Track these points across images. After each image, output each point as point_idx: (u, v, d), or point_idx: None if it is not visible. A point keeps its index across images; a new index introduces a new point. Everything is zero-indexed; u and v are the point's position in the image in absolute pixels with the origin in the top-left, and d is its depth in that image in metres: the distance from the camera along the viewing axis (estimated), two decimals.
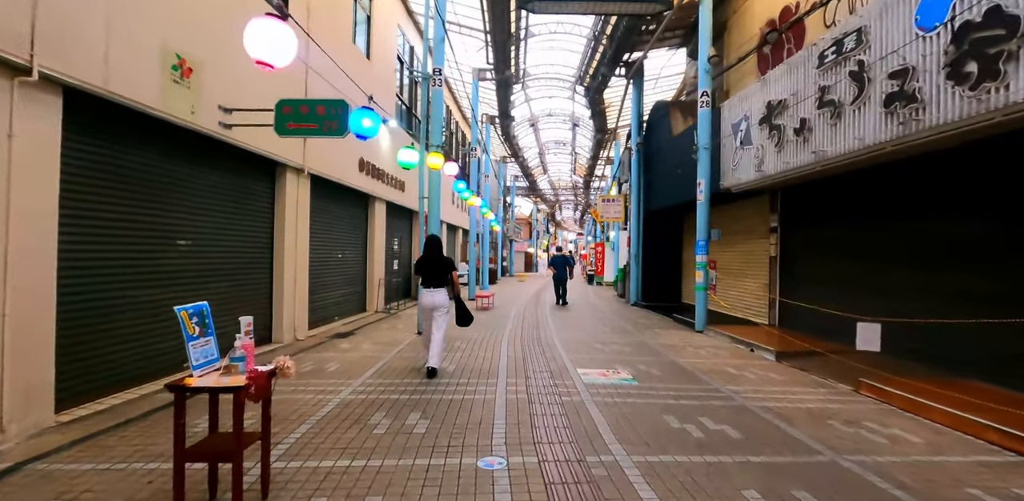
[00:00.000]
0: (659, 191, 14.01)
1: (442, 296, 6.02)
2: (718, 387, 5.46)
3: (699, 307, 9.77)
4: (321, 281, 9.28)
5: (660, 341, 8.45)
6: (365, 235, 11.70)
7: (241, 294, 6.93)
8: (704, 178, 9.73)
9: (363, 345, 7.62)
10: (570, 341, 8.22)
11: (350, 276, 10.83)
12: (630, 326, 10.23)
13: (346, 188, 10.13)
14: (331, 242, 9.80)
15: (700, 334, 9.43)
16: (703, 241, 9.77)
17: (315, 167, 8.38)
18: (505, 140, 25.26)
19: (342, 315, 10.37)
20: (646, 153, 14.97)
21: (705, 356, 7.23)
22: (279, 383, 5.24)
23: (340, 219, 10.24)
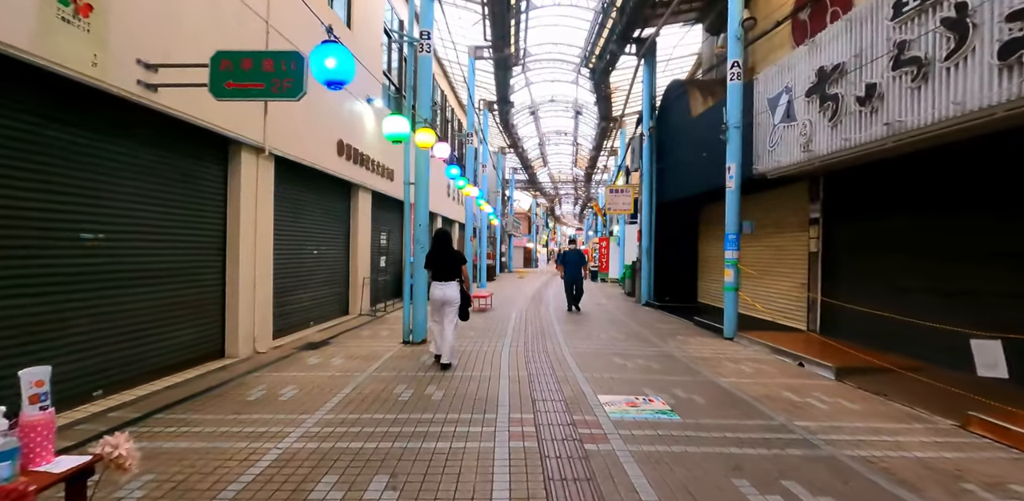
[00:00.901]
0: (674, 180, 12.70)
1: (452, 290, 6.12)
2: (784, 423, 4.19)
3: (728, 311, 8.49)
4: (290, 282, 7.97)
5: (688, 352, 7.17)
6: (347, 229, 10.38)
7: (181, 300, 5.63)
8: (735, 162, 8.43)
9: (335, 359, 6.33)
10: (583, 353, 6.93)
11: (328, 275, 9.53)
12: (648, 332, 8.95)
13: (322, 174, 8.81)
14: (304, 236, 8.49)
15: (731, 342, 8.15)
16: (733, 235, 8.48)
17: (280, 147, 7.06)
18: (504, 129, 23.89)
19: (318, 320, 9.07)
20: (659, 139, 13.65)
21: (749, 374, 5.96)
22: (200, 427, 3.96)
23: (315, 210, 8.93)
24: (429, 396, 4.78)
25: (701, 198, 12.40)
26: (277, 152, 6.99)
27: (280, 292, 7.59)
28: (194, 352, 5.87)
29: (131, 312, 4.95)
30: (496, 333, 8.49)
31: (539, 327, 9.21)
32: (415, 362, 6.23)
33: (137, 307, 5.03)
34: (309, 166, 8.07)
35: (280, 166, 7.36)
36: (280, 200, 7.54)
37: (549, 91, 21.67)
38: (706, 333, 9.01)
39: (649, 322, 10.27)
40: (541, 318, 10.48)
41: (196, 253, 5.89)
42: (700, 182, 10.99)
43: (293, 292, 8.09)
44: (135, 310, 5.00)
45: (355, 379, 5.37)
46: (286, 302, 7.84)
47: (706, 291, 13.57)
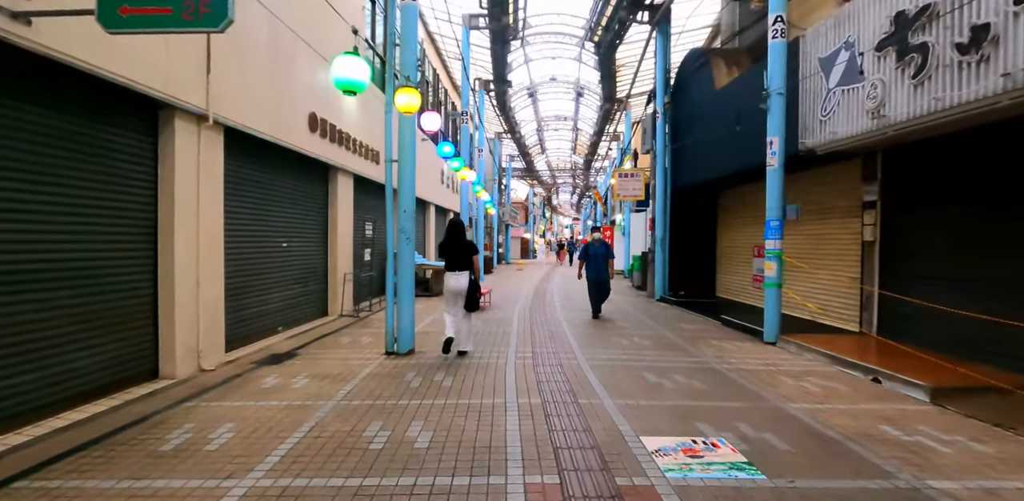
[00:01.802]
0: (692, 161, 11.40)
1: (465, 279, 6.18)
2: (915, 485, 2.94)
3: (770, 310, 7.23)
4: (251, 280, 6.67)
5: (732, 363, 5.92)
6: (325, 218, 9.05)
7: (93, 309, 4.32)
8: (778, 135, 7.12)
9: (298, 379, 5.05)
10: (606, 367, 5.67)
11: (302, 271, 8.22)
12: (674, 335, 7.70)
13: (292, 153, 7.47)
14: (269, 226, 7.16)
15: (776, 348, 6.91)
16: (776, 221, 7.20)
17: (231, 116, 5.72)
18: (501, 113, 22.47)
19: (290, 324, 7.77)
20: (674, 116, 12.32)
21: (819, 396, 4.71)
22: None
23: (285, 196, 7.59)
24: (411, 442, 3.50)
25: (721, 181, 11.13)
26: (227, 121, 5.64)
27: (237, 293, 6.29)
28: (115, 374, 4.58)
29: (20, 326, 3.66)
30: (497, 339, 7.22)
31: (547, 331, 7.94)
32: (398, 383, 4.96)
33: (29, 319, 3.73)
34: (273, 142, 6.72)
35: (233, 140, 6.02)
36: (235, 182, 6.21)
37: (550, 69, 20.23)
38: (741, 336, 7.77)
39: (670, 322, 9.02)
40: (548, 318, 9.21)
41: (114, 248, 4.57)
42: (726, 162, 9.69)
43: (255, 293, 6.78)
44: (26, 323, 3.70)
45: (316, 412, 4.09)
46: (245, 305, 6.54)
47: (726, 285, 12.33)
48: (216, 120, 5.46)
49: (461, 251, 6.19)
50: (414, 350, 6.25)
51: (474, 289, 6.23)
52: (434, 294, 12.57)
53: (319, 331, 7.72)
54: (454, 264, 6.16)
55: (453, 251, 6.18)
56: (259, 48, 6.34)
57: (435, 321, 8.67)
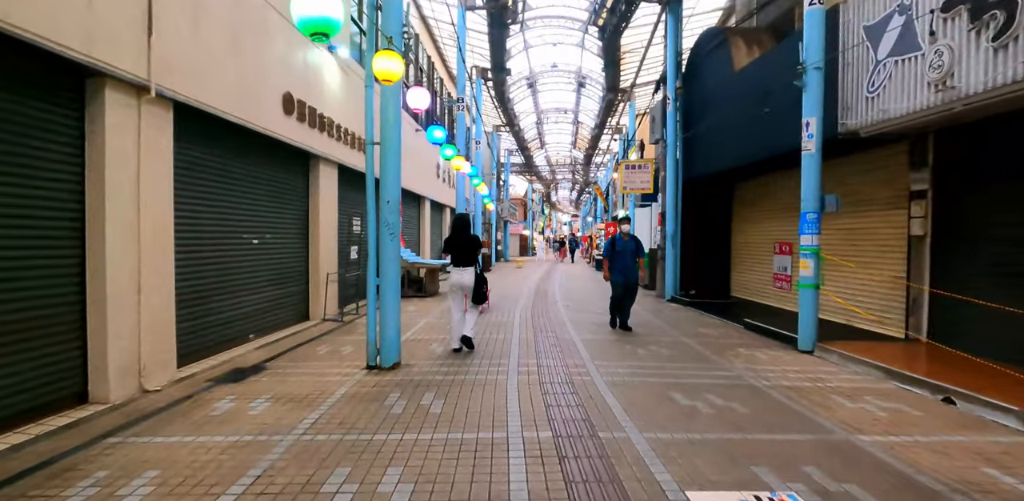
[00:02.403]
0: (707, 151, 10.53)
1: (471, 275, 6.15)
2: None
3: (805, 315, 6.38)
4: (213, 282, 5.80)
5: (769, 378, 5.07)
6: (305, 212, 8.18)
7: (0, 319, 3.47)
8: (815, 115, 6.26)
9: (257, 403, 4.18)
10: (625, 384, 4.82)
11: (278, 271, 7.35)
12: (695, 342, 6.85)
13: (264, 139, 6.60)
14: (237, 221, 6.29)
15: (814, 358, 6.07)
16: (813, 214, 6.34)
17: (182, 89, 4.84)
18: (499, 104, 21.55)
19: (263, 330, 6.92)
20: (687, 102, 11.44)
21: (886, 422, 3.87)
22: None
23: (256, 187, 6.72)
24: (386, 498, 2.64)
25: (739, 172, 10.29)
26: (175, 96, 4.76)
27: (195, 298, 5.43)
28: (30, 400, 3.72)
29: None
30: (497, 348, 6.36)
31: (553, 337, 7.08)
32: (377, 408, 4.10)
33: None
34: (239, 124, 5.84)
35: (187, 119, 5.14)
36: (191, 169, 5.34)
37: (551, 56, 19.28)
38: (769, 343, 6.92)
39: (687, 326, 8.16)
40: (552, 322, 8.36)
41: (29, 245, 3.71)
42: (746, 150, 8.83)
43: (219, 297, 5.91)
44: None
45: (269, 453, 3.23)
46: (206, 311, 5.67)
47: (742, 284, 11.48)
48: (161, 93, 4.58)
49: (468, 247, 6.18)
50: (400, 363, 5.39)
51: (481, 283, 6.24)
52: (428, 294, 11.72)
53: (296, 338, 6.86)
54: (460, 260, 6.16)
55: (460, 247, 6.18)
56: (220, 12, 5.45)
57: (429, 326, 7.81)
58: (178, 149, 5.07)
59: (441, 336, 7.02)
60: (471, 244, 6.23)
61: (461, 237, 6.22)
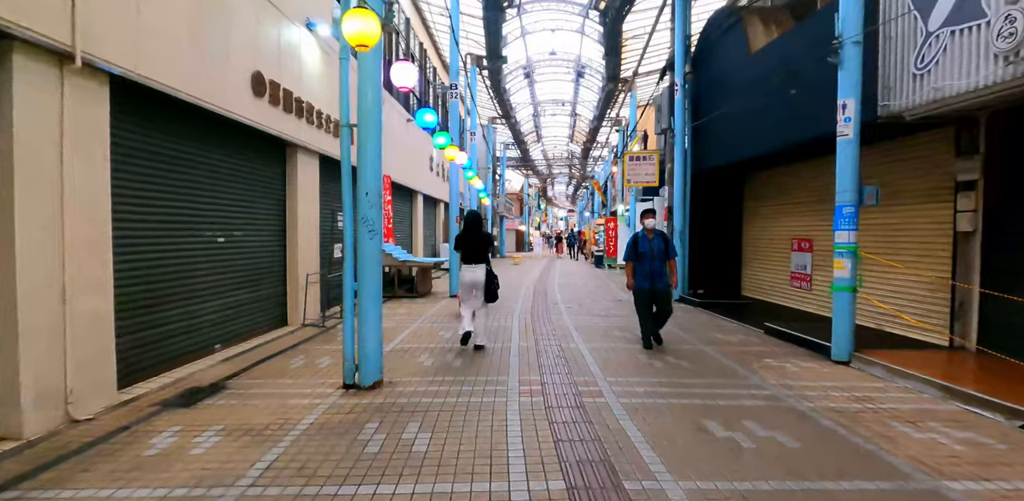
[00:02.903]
0: (720, 140, 9.81)
1: (482, 272, 6.08)
2: None
3: (841, 321, 5.68)
4: (168, 287, 5.04)
5: (810, 397, 4.36)
6: (282, 207, 7.41)
7: None
8: (852, 96, 5.53)
9: (203, 438, 3.45)
10: (648, 408, 4.11)
11: (250, 272, 6.59)
12: (714, 350, 6.14)
13: (231, 123, 5.84)
14: (196, 216, 5.52)
15: (852, 370, 5.36)
16: (851, 207, 5.62)
17: (119, 60, 4.07)
18: (495, 95, 20.75)
19: (233, 339, 6.17)
20: (696, 89, 10.70)
21: (972, 461, 3.17)
22: None
23: (222, 177, 5.96)
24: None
25: (753, 163, 9.58)
26: (111, 67, 3.99)
27: (142, 305, 4.67)
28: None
29: None
30: (494, 361, 5.63)
31: (557, 346, 6.36)
32: (349, 445, 3.36)
33: None
34: (197, 104, 5.07)
35: (130, 96, 4.38)
36: (136, 156, 4.58)
37: (549, 43, 18.46)
38: (795, 350, 6.22)
39: (702, 330, 7.45)
40: (555, 328, 7.63)
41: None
42: (763, 138, 8.10)
43: (175, 303, 5.15)
44: None
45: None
46: (159, 320, 4.92)
47: (755, 283, 10.79)
48: (92, 63, 3.81)
49: (479, 244, 6.11)
50: (382, 381, 4.65)
51: (491, 280, 6.14)
52: (420, 295, 10.98)
53: (269, 348, 6.11)
54: (471, 257, 6.10)
55: (471, 244, 6.12)
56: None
57: (418, 333, 7.08)
58: (119, 131, 4.31)
59: (431, 345, 6.29)
60: (483, 241, 6.14)
61: (473, 234, 6.14)
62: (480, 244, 6.13)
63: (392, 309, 9.17)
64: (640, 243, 6.19)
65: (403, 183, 13.26)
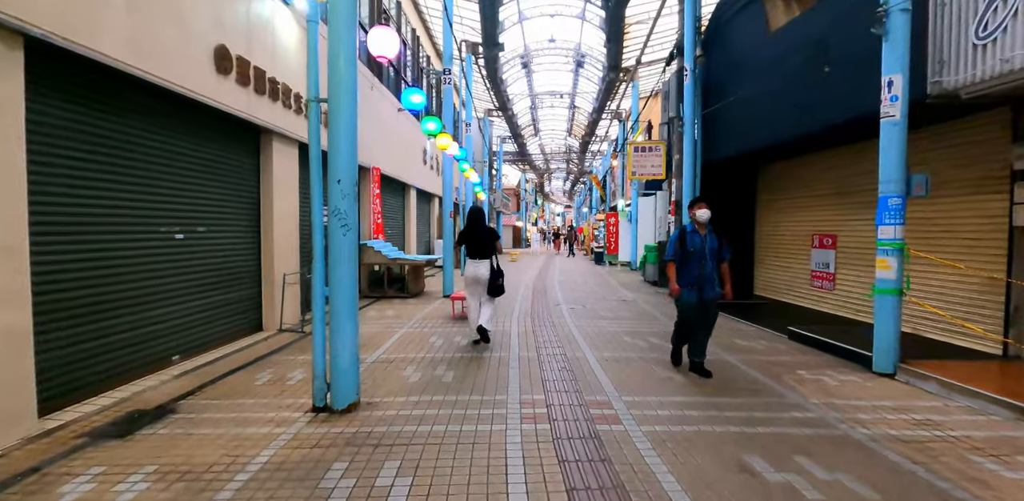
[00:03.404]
0: (734, 128, 9.11)
1: (486, 268, 6.03)
2: None
3: (885, 328, 5.00)
4: (110, 292, 4.32)
5: (865, 423, 3.69)
6: (256, 200, 6.69)
7: None
8: (900, 71, 4.84)
9: (126, 486, 2.75)
10: (678, 439, 3.43)
11: (217, 273, 5.87)
12: (739, 361, 5.47)
13: (191, 104, 5.12)
14: (150, 209, 4.80)
15: (900, 384, 4.69)
16: (897, 198, 4.94)
17: (37, 17, 3.34)
18: (491, 86, 19.99)
19: (196, 348, 5.46)
20: (708, 74, 9.99)
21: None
22: None
23: (180, 166, 5.23)
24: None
25: (766, 154, 8.90)
26: (26, 26, 3.26)
27: (76, 314, 3.96)
28: None
29: None
30: (491, 376, 4.94)
31: (561, 356, 5.68)
32: (309, 496, 2.67)
33: None
34: (144, 79, 4.34)
35: (56, 65, 3.66)
36: (67, 136, 3.85)
37: (548, 30, 17.69)
38: (830, 359, 5.55)
39: (720, 336, 6.73)
40: (557, 331, 6.95)
41: None
42: (786, 124, 7.40)
43: (121, 310, 4.44)
44: None
45: None
46: (99, 331, 4.21)
47: (769, 282, 10.12)
48: (12, 24, 3.09)
49: (483, 240, 6.07)
50: (359, 403, 3.95)
51: (496, 275, 6.08)
52: (412, 295, 10.28)
53: (236, 359, 5.41)
54: (476, 252, 6.07)
55: (475, 239, 6.09)
56: None
57: (407, 339, 6.38)
58: (40, 106, 3.59)
59: (420, 354, 5.60)
60: (487, 236, 6.09)
61: (477, 229, 6.10)
62: (485, 239, 6.07)
63: (380, 311, 8.47)
64: (689, 239, 4.85)
65: (394, 176, 12.53)
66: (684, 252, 4.85)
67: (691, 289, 4.81)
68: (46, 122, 3.68)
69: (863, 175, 7.41)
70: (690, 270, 4.83)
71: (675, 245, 4.91)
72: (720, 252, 4.88)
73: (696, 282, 4.80)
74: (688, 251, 4.83)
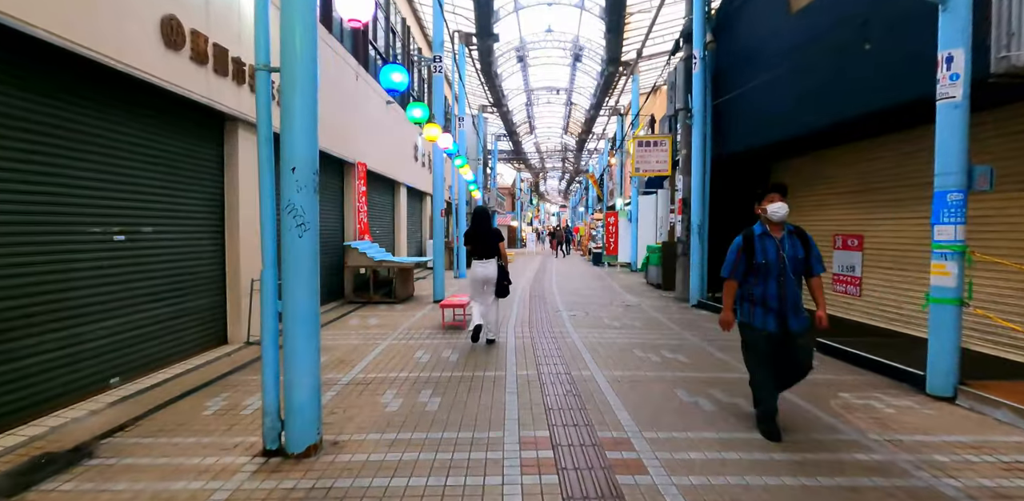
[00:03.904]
0: (749, 119, 8.42)
1: (492, 268, 6.07)
2: None
3: (941, 343, 4.31)
4: (13, 307, 3.55)
5: (948, 472, 2.98)
6: (218, 195, 5.93)
7: None
8: (962, 45, 4.16)
9: None
10: (715, 491, 2.70)
11: (170, 280, 5.11)
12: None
13: (134, 83, 4.37)
14: (79, 206, 4.05)
15: (962, 410, 3.99)
16: (956, 192, 4.25)
17: None
18: (485, 79, 19.24)
19: (141, 368, 4.70)
20: (719, 60, 9.29)
21: None
22: None
23: (120, 156, 4.47)
24: None
25: (783, 147, 8.20)
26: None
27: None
28: None
29: None
30: (484, 399, 4.21)
31: (566, 376, 4.95)
32: None
33: None
34: (69, 49, 3.59)
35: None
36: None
37: (545, 19, 16.95)
38: (873, 379, 4.84)
39: (738, 349, 6.04)
40: (560, 345, 6.23)
41: None
42: (811, 112, 6.71)
43: (41, 327, 3.68)
44: None
45: None
46: (9, 354, 3.45)
47: None
48: None
49: (488, 239, 6.09)
50: (320, 444, 3.21)
51: (503, 276, 6.11)
52: (400, 300, 9.53)
53: (188, 381, 4.65)
54: (481, 252, 6.09)
55: (480, 239, 6.09)
56: None
57: (391, 352, 5.64)
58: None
59: (403, 373, 4.86)
60: (492, 236, 6.10)
61: (482, 229, 6.11)
62: (489, 239, 6.06)
63: (363, 319, 7.72)
64: (758, 246, 3.46)
65: (383, 173, 11.77)
66: (751, 265, 3.47)
67: (768, 315, 3.43)
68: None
69: (893, 169, 6.75)
70: (765, 290, 3.43)
71: (735, 256, 3.54)
72: (808, 262, 3.50)
73: (774, 306, 3.41)
74: (757, 264, 3.44)
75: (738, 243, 3.57)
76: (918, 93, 4.69)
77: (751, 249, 3.49)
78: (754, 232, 3.56)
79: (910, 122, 5.97)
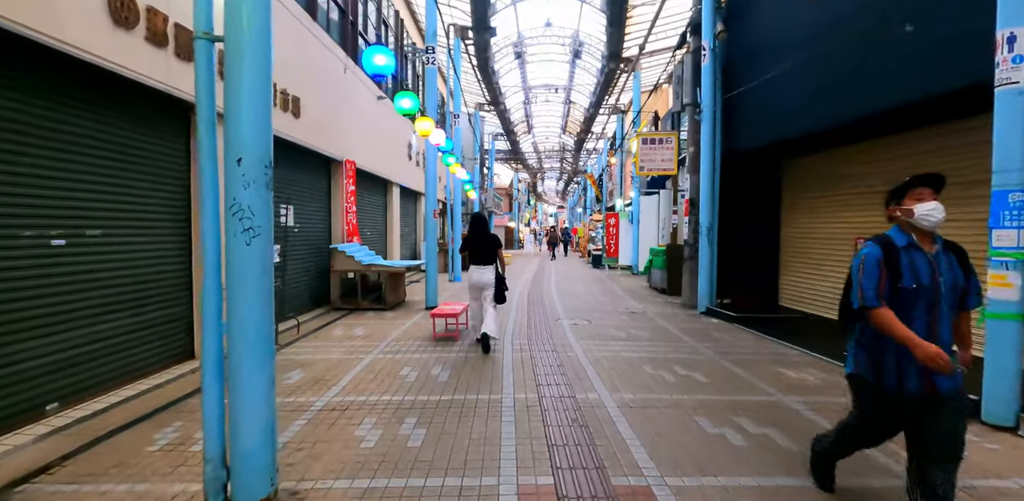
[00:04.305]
0: (763, 114, 7.87)
1: (490, 274, 6.06)
2: None
3: (1000, 365, 3.76)
4: None
5: None
6: (184, 194, 5.35)
7: None
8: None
9: None
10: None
11: (125, 288, 4.53)
12: (796, 402, 4.20)
13: (80, 66, 3.81)
14: (5, 204, 3.47)
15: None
16: (1019, 191, 3.71)
17: None
18: (482, 76, 18.67)
19: (87, 390, 4.12)
20: (730, 52, 8.75)
21: None
22: None
23: (60, 148, 3.90)
24: None
25: (799, 144, 7.67)
26: None
27: None
28: None
29: None
30: (476, 431, 3.65)
31: (570, 399, 4.39)
32: None
33: None
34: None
35: None
36: None
37: (543, 13, 16.40)
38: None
39: (760, 364, 5.50)
40: (560, 355, 5.67)
41: None
42: (832, 107, 6.17)
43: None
44: None
45: None
46: None
47: (798, 292, 8.89)
48: None
49: (486, 245, 6.08)
50: (275, 497, 2.64)
51: (500, 283, 6.09)
52: (390, 306, 8.96)
53: (139, 406, 4.08)
54: (479, 258, 6.06)
55: (478, 245, 6.09)
56: None
57: (375, 368, 5.07)
58: None
59: (384, 397, 4.29)
60: (490, 242, 6.10)
61: (480, 235, 6.11)
62: (488, 245, 6.06)
63: (348, 329, 7.15)
64: (909, 263, 2.30)
65: (374, 171, 11.20)
66: (899, 290, 2.28)
67: (904, 366, 2.28)
68: None
69: (914, 169, 6.18)
70: (916, 327, 2.25)
71: (878, 271, 2.30)
72: (968, 288, 2.35)
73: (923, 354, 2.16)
74: (903, 290, 2.27)
75: (876, 255, 2.32)
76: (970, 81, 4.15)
77: (895, 266, 2.29)
78: (894, 242, 2.35)
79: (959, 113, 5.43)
